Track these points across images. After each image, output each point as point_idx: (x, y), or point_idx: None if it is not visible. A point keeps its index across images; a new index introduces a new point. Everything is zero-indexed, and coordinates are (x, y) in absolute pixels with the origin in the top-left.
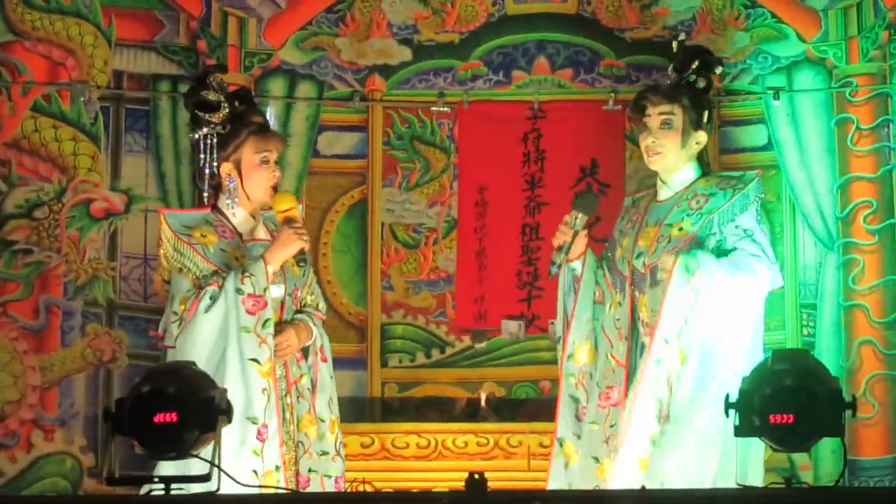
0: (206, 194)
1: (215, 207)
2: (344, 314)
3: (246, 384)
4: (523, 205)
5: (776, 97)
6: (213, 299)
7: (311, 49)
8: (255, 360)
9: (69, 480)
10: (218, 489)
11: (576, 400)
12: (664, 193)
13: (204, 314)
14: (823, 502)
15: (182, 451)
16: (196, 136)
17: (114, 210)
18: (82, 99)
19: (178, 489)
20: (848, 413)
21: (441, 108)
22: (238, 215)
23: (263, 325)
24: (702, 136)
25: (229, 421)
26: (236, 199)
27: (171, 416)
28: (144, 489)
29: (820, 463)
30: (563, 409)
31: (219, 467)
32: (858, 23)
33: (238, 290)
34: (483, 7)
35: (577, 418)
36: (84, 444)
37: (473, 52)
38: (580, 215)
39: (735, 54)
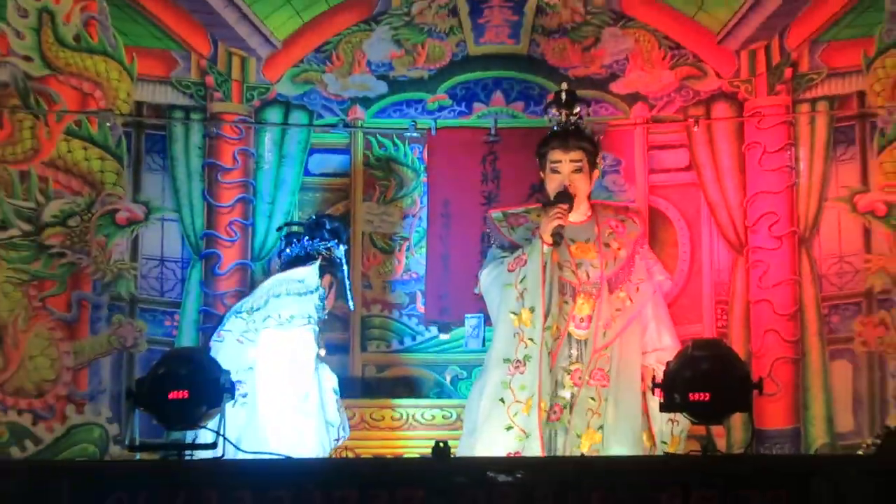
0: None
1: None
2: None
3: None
4: (482, 217)
5: (696, 125)
6: None
7: (303, 83)
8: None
9: (97, 447)
10: (223, 455)
11: None
12: (574, 217)
13: None
14: (735, 466)
15: (192, 423)
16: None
17: (135, 219)
18: (108, 125)
19: (188, 455)
20: (755, 391)
21: (413, 135)
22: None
23: None
24: (596, 174)
25: (232, 398)
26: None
27: (184, 394)
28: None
29: (732, 432)
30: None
31: (224, 436)
32: (767, 62)
33: None
34: (448, 48)
35: None
36: (110, 416)
37: (440, 86)
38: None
39: (662, 88)
